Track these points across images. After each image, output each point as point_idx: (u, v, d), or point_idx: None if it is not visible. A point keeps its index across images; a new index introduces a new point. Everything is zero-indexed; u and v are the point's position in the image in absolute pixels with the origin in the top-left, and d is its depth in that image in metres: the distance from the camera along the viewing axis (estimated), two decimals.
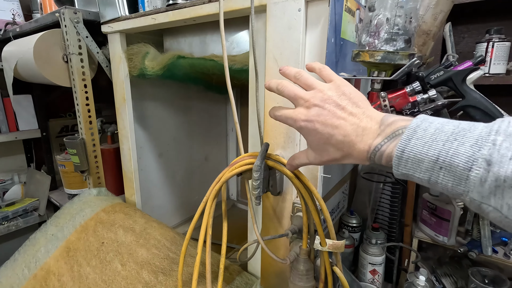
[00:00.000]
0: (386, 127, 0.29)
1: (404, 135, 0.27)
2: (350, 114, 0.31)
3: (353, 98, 0.32)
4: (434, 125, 0.26)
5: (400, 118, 0.29)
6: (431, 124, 0.26)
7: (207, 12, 0.61)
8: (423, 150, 0.25)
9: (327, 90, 0.33)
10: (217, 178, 0.52)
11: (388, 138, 0.28)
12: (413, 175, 0.26)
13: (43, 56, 0.82)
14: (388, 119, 0.30)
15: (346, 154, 0.32)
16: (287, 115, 0.36)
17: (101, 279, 0.70)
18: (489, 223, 0.73)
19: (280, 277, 0.62)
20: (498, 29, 0.71)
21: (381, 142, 0.29)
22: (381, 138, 0.29)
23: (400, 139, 0.27)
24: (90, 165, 0.93)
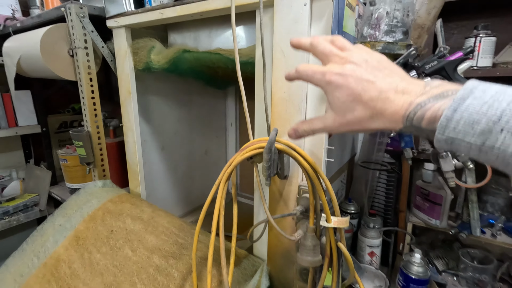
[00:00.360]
0: (432, 88, 0.26)
1: (459, 93, 0.24)
2: (390, 72, 0.29)
3: (392, 65, 0.30)
4: (495, 88, 0.23)
5: (448, 83, 0.26)
6: (491, 86, 0.23)
7: (215, 7, 0.64)
8: (481, 109, 0.22)
9: (365, 53, 0.31)
10: (229, 162, 0.55)
11: (435, 97, 0.25)
12: (463, 139, 0.23)
13: (49, 50, 0.84)
14: (434, 82, 0.27)
15: (377, 113, 0.28)
16: (315, 69, 0.32)
17: (113, 265, 0.73)
18: (478, 206, 0.79)
19: (285, 257, 0.66)
20: (485, 25, 0.76)
21: (426, 100, 0.25)
22: (425, 97, 0.26)
23: (452, 99, 0.24)
24: (96, 158, 0.94)
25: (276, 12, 0.55)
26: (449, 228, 0.82)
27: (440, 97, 0.25)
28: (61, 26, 0.86)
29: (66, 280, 0.74)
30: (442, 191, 0.81)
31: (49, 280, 0.75)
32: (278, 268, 0.67)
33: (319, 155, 0.57)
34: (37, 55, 0.84)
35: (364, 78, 0.29)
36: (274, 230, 0.66)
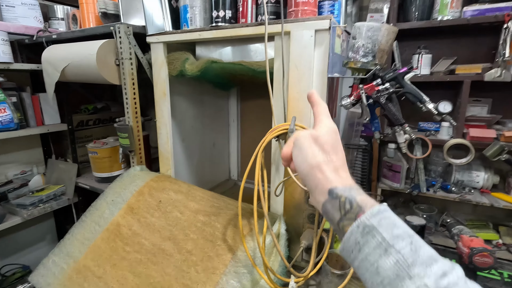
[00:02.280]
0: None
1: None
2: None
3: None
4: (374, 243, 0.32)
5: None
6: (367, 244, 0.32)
7: (245, 33, 0.90)
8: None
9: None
10: (262, 140, 0.81)
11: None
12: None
13: (102, 60, 1.05)
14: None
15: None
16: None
17: (167, 223, 0.96)
18: (424, 172, 1.12)
19: (297, 208, 0.94)
20: (425, 46, 1.11)
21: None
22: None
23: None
24: (135, 147, 1.16)
25: (292, 40, 0.82)
26: (406, 188, 1.15)
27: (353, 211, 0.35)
28: (110, 41, 1.07)
29: (129, 238, 0.96)
30: (400, 163, 1.14)
31: (114, 239, 0.97)
32: (291, 217, 0.95)
33: None
34: (92, 64, 1.04)
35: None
36: (289, 189, 0.93)
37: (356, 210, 0.35)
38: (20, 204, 1.34)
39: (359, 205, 0.35)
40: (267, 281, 0.75)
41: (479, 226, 1.16)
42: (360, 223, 0.33)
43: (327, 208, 0.37)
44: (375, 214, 0.33)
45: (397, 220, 0.33)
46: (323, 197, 0.38)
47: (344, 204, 0.36)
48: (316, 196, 0.39)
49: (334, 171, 0.38)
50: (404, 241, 0.31)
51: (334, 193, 0.37)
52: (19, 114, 1.36)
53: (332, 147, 0.40)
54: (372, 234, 0.32)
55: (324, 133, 0.41)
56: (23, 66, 1.33)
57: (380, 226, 0.32)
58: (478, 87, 1.07)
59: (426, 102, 0.82)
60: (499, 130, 1.06)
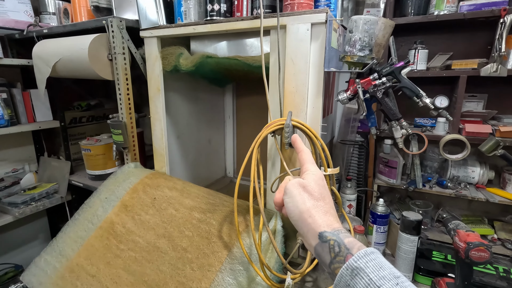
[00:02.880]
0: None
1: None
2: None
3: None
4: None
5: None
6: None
7: (240, 26, 0.89)
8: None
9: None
10: (258, 135, 0.80)
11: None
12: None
13: (94, 55, 1.03)
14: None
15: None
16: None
17: (161, 221, 0.95)
18: (420, 168, 1.12)
19: None
20: (421, 41, 1.10)
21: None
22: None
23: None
24: (129, 144, 1.14)
25: (288, 33, 0.81)
26: (402, 184, 1.15)
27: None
28: (102, 35, 1.05)
29: (123, 236, 0.94)
30: (396, 158, 1.14)
31: (107, 237, 0.95)
32: None
33: (317, 129, 0.85)
34: (83, 58, 1.02)
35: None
36: None
37: (344, 252, 0.37)
38: (11, 202, 1.32)
39: (346, 248, 0.37)
40: (263, 278, 0.74)
41: (474, 221, 1.17)
42: (348, 265, 0.35)
43: (319, 251, 0.40)
44: (362, 256, 0.35)
45: (383, 261, 0.35)
46: (314, 241, 0.40)
47: (333, 247, 0.38)
48: (308, 240, 0.42)
49: (324, 215, 0.41)
50: (390, 282, 0.32)
51: (323, 237, 0.39)
52: (10, 111, 1.33)
53: (320, 193, 0.44)
54: (360, 276, 0.34)
55: (311, 181, 0.45)
56: (13, 62, 1.30)
57: (367, 267, 0.34)
58: (474, 83, 1.07)
59: (423, 96, 0.81)
60: (494, 126, 1.06)
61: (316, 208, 0.42)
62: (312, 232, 0.40)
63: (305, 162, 0.50)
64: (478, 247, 0.68)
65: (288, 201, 0.45)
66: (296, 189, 0.45)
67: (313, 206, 0.42)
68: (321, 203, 0.43)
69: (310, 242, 0.41)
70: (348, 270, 0.35)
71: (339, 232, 0.39)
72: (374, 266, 0.34)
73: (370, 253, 0.35)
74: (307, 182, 0.45)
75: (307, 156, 0.51)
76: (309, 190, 0.44)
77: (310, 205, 0.42)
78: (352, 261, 0.35)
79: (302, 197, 0.44)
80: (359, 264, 0.34)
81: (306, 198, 0.43)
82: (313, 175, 0.47)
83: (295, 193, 0.45)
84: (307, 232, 0.41)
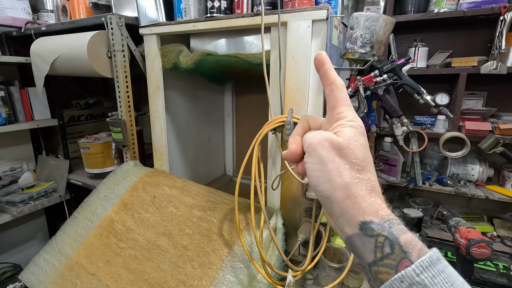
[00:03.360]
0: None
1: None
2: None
3: None
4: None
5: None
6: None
7: (240, 23, 0.88)
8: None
9: None
10: (259, 132, 0.80)
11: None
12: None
13: (93, 52, 1.02)
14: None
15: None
16: None
17: (161, 219, 0.94)
18: (420, 166, 1.12)
19: (294, 202, 0.93)
20: (421, 39, 1.10)
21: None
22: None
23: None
24: (128, 142, 1.14)
25: (288, 30, 0.81)
26: (402, 182, 1.15)
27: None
28: (101, 32, 1.04)
29: (123, 234, 0.94)
30: (396, 156, 1.14)
31: (107, 235, 0.95)
32: (288, 211, 0.94)
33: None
34: (82, 56, 1.01)
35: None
36: (286, 182, 0.92)
37: (399, 256, 0.26)
38: (9, 201, 1.31)
39: (402, 250, 0.26)
40: (264, 275, 0.74)
41: (473, 219, 1.17)
42: (405, 277, 0.25)
43: (356, 244, 0.29)
44: (427, 266, 0.25)
45: (453, 274, 0.26)
46: (351, 229, 0.29)
47: (383, 246, 0.27)
48: (340, 225, 0.30)
49: (368, 194, 0.29)
50: None
51: (368, 229, 0.28)
52: (7, 109, 1.32)
53: (364, 159, 0.30)
54: None
55: (351, 139, 0.30)
56: (11, 59, 1.29)
57: (434, 285, 0.24)
58: (474, 81, 1.07)
59: (424, 94, 0.81)
60: (494, 123, 1.06)
61: (358, 184, 0.29)
62: (350, 219, 0.29)
63: (339, 102, 0.32)
64: (479, 244, 0.68)
65: (315, 168, 0.30)
66: (327, 150, 0.30)
67: (354, 180, 0.29)
68: (365, 176, 0.29)
69: (345, 229, 0.30)
70: (404, 283, 0.25)
71: (391, 223, 0.28)
72: (443, 282, 0.25)
73: (437, 261, 0.25)
74: (344, 141, 0.29)
75: (342, 94, 0.32)
76: (347, 154, 0.29)
77: (349, 179, 0.29)
78: (412, 273, 0.25)
79: (336, 165, 0.29)
80: (423, 278, 0.25)
81: (343, 167, 0.29)
82: (353, 128, 0.30)
83: (326, 157, 0.29)
84: (340, 216, 0.29)
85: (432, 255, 0.26)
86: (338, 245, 0.86)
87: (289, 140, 0.34)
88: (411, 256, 0.26)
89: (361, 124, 0.31)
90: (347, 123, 0.31)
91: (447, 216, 0.86)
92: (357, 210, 0.28)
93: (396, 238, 0.27)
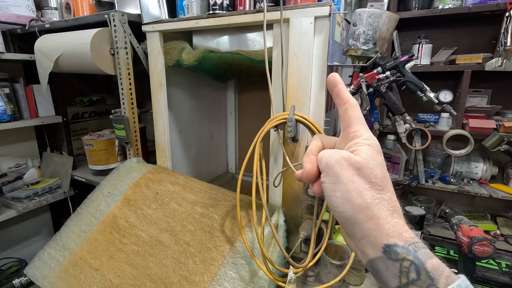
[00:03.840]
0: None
1: None
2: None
3: None
4: None
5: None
6: None
7: (243, 21, 0.88)
8: None
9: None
10: (261, 129, 0.80)
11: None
12: None
13: (96, 49, 1.02)
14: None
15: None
16: None
17: (164, 215, 0.95)
18: (423, 163, 1.12)
19: (295, 199, 0.93)
20: (425, 36, 1.09)
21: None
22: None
23: None
24: (131, 138, 1.14)
25: (291, 27, 0.81)
26: (405, 180, 1.15)
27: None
28: (104, 30, 1.05)
29: (126, 230, 0.95)
30: (399, 154, 1.13)
31: (110, 231, 0.96)
32: (290, 208, 0.94)
33: (320, 124, 0.84)
34: (86, 53, 1.02)
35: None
36: (288, 180, 0.92)
37: (425, 282, 0.25)
38: (15, 197, 1.32)
39: (429, 276, 0.25)
40: (265, 272, 0.74)
41: (477, 217, 1.17)
42: None
43: (379, 268, 0.28)
44: None
45: None
46: (373, 252, 0.28)
47: (408, 271, 0.26)
48: (362, 247, 0.29)
49: (390, 215, 0.28)
50: None
51: (393, 252, 0.27)
52: (13, 106, 1.33)
53: (383, 178, 0.29)
54: None
55: (370, 158, 0.29)
56: (16, 56, 1.30)
57: None
58: (478, 78, 1.06)
59: (427, 91, 0.81)
60: (498, 121, 1.05)
61: (380, 204, 0.28)
62: (373, 241, 0.28)
63: (354, 121, 0.32)
64: (481, 242, 0.68)
65: (334, 189, 0.30)
66: (345, 169, 0.29)
67: (375, 201, 0.28)
68: (385, 195, 0.29)
69: (367, 251, 0.29)
70: None
71: (416, 247, 0.27)
72: None
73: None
74: (363, 159, 0.29)
75: (357, 113, 0.32)
76: (367, 173, 0.29)
77: (371, 200, 0.28)
78: None
79: (356, 185, 0.28)
80: None
81: (364, 187, 0.28)
82: (370, 146, 0.30)
83: (344, 176, 0.29)
84: (362, 238, 0.29)
85: (461, 283, 0.24)
86: (339, 242, 0.86)
87: (304, 160, 0.34)
88: (438, 283, 0.25)
89: (377, 142, 0.31)
90: (364, 142, 0.30)
91: (450, 214, 0.86)
92: (380, 232, 0.27)
93: (422, 263, 0.26)
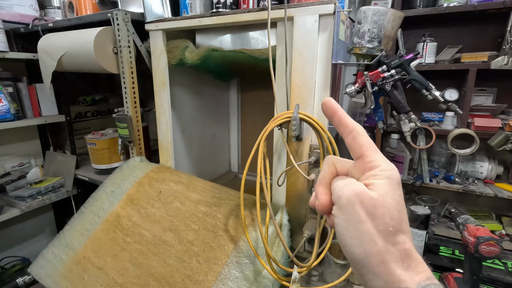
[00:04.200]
0: None
1: None
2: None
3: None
4: None
5: None
6: None
7: (246, 19, 0.88)
8: None
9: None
10: (265, 128, 0.79)
11: None
12: None
13: (100, 48, 1.02)
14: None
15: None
16: None
17: (167, 214, 0.95)
18: (427, 163, 1.11)
19: (299, 198, 0.92)
20: (430, 34, 1.08)
21: None
22: None
23: None
24: (134, 137, 1.14)
25: (295, 25, 0.80)
26: (409, 179, 1.14)
27: None
28: (107, 29, 1.04)
29: (129, 229, 0.95)
30: (403, 153, 1.13)
31: (114, 230, 0.96)
32: (294, 207, 0.93)
33: (324, 123, 0.84)
34: (89, 52, 1.02)
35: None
36: (291, 179, 0.92)
37: None
38: (18, 196, 1.33)
39: None
40: (269, 271, 0.74)
41: (481, 217, 1.16)
42: None
43: None
44: None
45: None
46: None
47: None
48: (372, 287, 0.28)
49: (402, 260, 0.26)
50: None
51: None
52: (16, 105, 1.34)
53: (399, 219, 0.26)
54: None
55: (387, 196, 0.26)
56: (19, 55, 1.30)
57: None
58: (483, 77, 1.05)
59: (432, 89, 0.80)
60: (504, 120, 1.05)
61: (392, 249, 0.26)
62: (383, 285, 0.26)
63: (367, 149, 0.29)
64: (488, 242, 0.67)
65: (344, 226, 0.28)
66: (359, 208, 0.27)
67: (388, 245, 0.26)
68: (400, 238, 0.26)
69: None
70: None
71: None
72: None
73: None
74: (379, 197, 0.26)
75: (366, 139, 0.30)
76: (382, 214, 0.26)
77: (383, 244, 0.26)
78: None
79: (369, 227, 0.26)
80: None
81: (377, 229, 0.26)
82: (388, 180, 0.27)
83: (357, 217, 0.27)
84: (372, 280, 0.27)
85: None
86: None
87: (318, 190, 0.32)
88: None
89: (396, 172, 0.28)
90: (382, 174, 0.28)
91: (455, 213, 0.85)
92: (391, 278, 0.26)
93: None
